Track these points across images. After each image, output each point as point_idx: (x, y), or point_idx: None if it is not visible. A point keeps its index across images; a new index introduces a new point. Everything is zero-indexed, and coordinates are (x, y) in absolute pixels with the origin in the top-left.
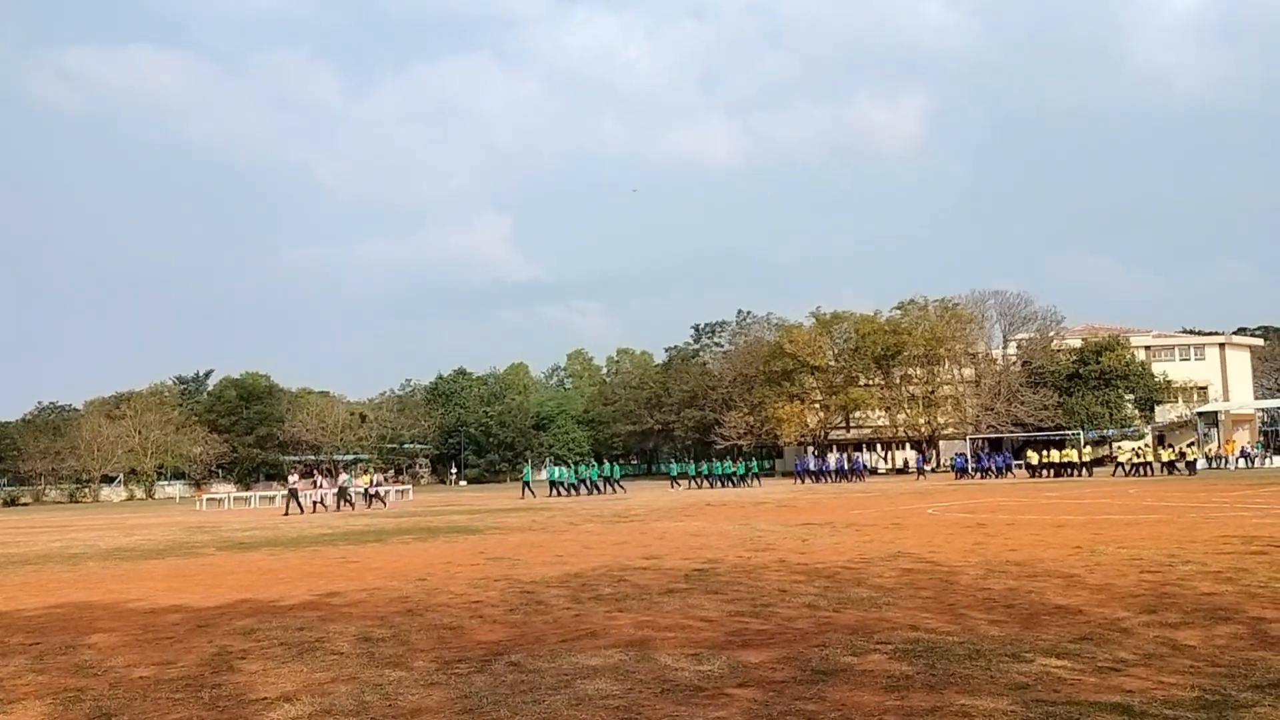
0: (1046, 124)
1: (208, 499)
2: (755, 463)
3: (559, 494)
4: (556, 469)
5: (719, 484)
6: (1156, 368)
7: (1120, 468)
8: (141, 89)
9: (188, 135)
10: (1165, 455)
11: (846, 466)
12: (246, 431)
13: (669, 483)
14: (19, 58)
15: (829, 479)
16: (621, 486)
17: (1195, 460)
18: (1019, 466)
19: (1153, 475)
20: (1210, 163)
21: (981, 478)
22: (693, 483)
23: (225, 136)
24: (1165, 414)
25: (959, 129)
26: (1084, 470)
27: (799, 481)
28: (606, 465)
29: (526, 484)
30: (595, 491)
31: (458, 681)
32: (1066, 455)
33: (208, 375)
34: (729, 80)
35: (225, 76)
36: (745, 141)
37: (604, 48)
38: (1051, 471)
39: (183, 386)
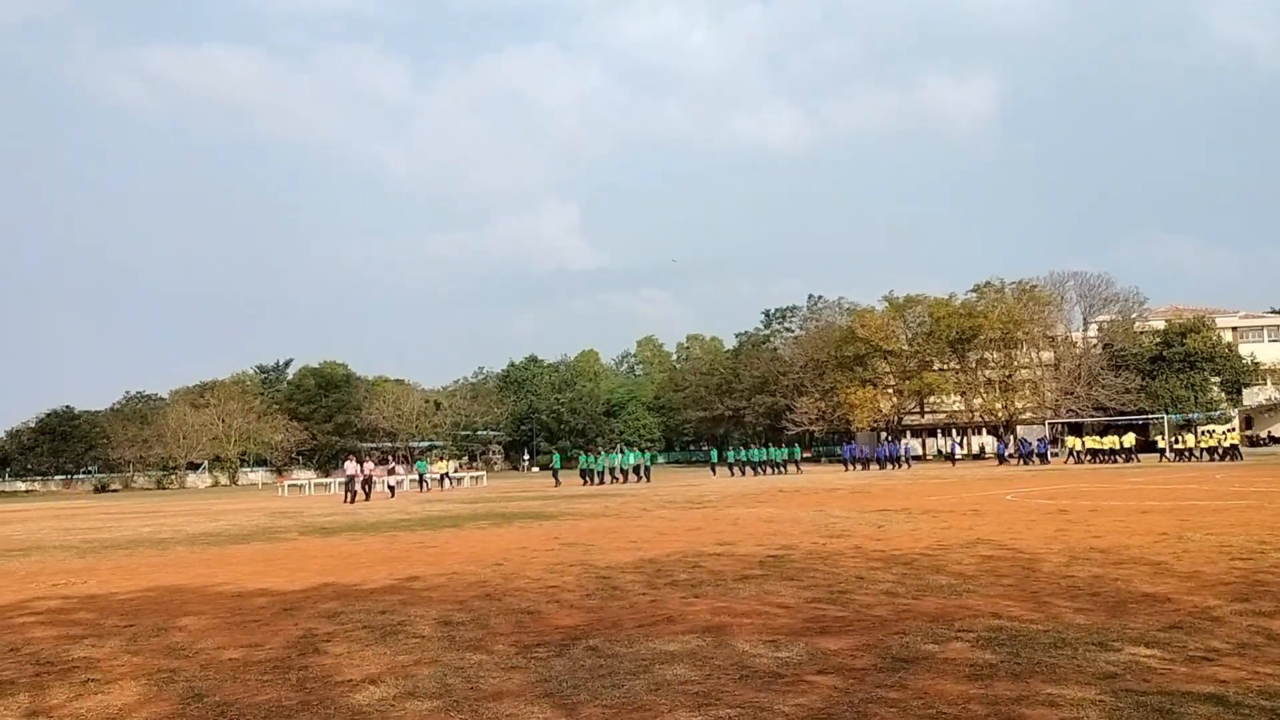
0: (1121, 100)
1: (289, 485)
2: (796, 449)
3: (587, 482)
4: (585, 456)
5: (756, 471)
6: (1244, 349)
7: (1163, 454)
8: (216, 88)
9: (262, 131)
10: (1205, 441)
11: (888, 453)
12: (325, 419)
13: (709, 470)
14: (98, 58)
15: (877, 465)
16: (649, 475)
17: (1236, 445)
18: (1055, 455)
19: (1197, 460)
20: None
21: (1018, 464)
22: (732, 470)
23: (298, 132)
24: (1253, 396)
25: (1031, 107)
26: (1128, 456)
27: (847, 469)
28: (634, 453)
29: (555, 471)
30: (624, 479)
31: (537, 665)
32: (1109, 441)
33: (287, 364)
34: (793, 66)
35: (296, 73)
36: (811, 127)
37: (667, 35)
38: (1092, 457)
39: (263, 375)
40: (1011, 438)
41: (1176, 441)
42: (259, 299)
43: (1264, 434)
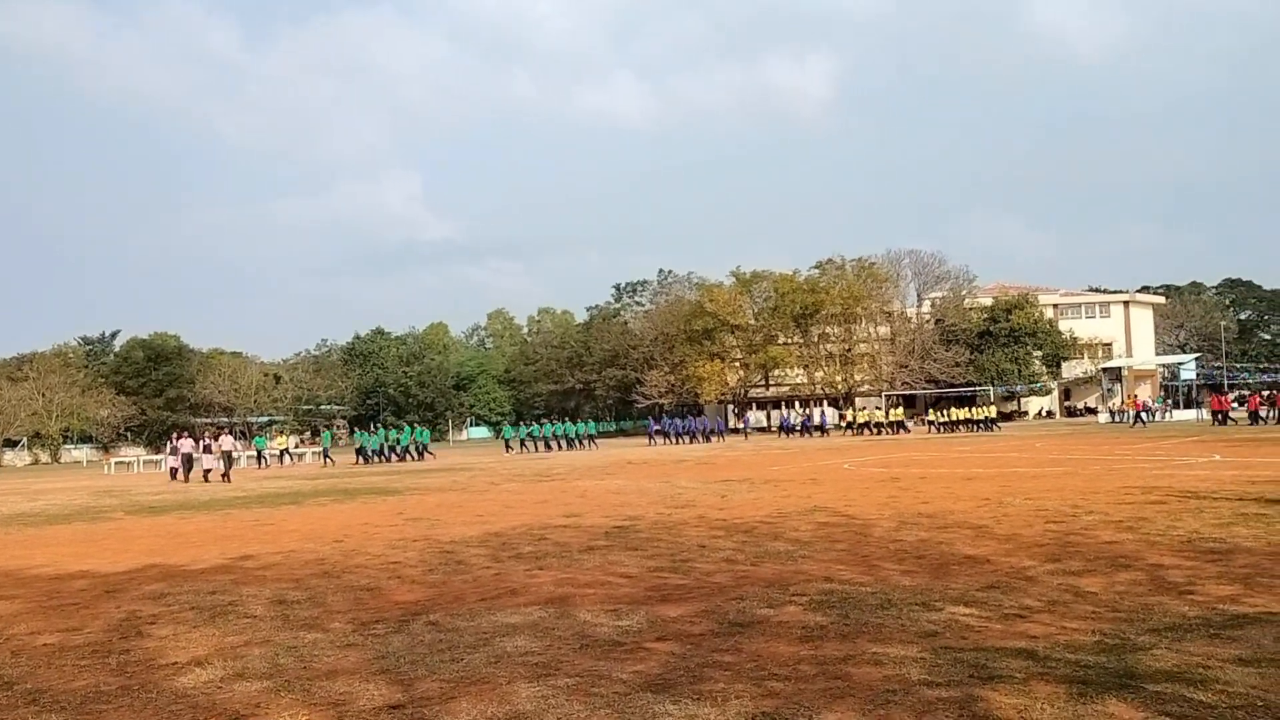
0: (952, 84)
1: (116, 462)
2: (593, 424)
3: (363, 461)
4: (360, 434)
5: (551, 446)
6: (1064, 325)
7: (931, 426)
8: (35, 40)
9: (85, 89)
10: (967, 414)
11: (707, 426)
12: (155, 393)
13: (503, 447)
14: None
15: (688, 439)
16: (431, 453)
17: (993, 418)
18: (838, 427)
19: (883, 435)
20: (1111, 126)
21: (801, 436)
22: (524, 446)
23: (124, 90)
24: (1071, 370)
25: (867, 90)
26: (896, 429)
27: (651, 442)
28: (417, 430)
29: (325, 450)
30: (407, 458)
31: (375, 642)
32: (873, 415)
33: (114, 336)
34: (640, 39)
35: (120, 29)
36: (658, 102)
37: (512, 3)
38: (855, 430)
39: (88, 347)
40: (801, 411)
41: (943, 414)
42: (82, 266)
43: (1080, 405)
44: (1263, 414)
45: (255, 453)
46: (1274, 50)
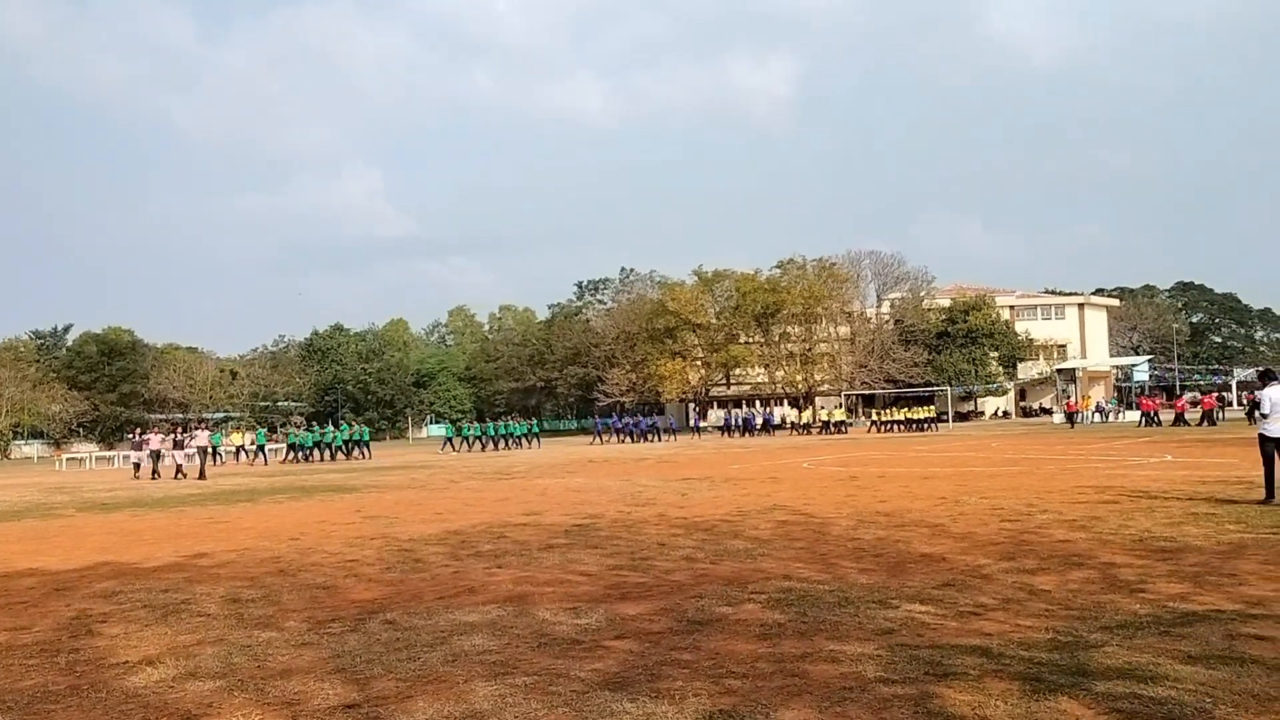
0: (912, 88)
1: (68, 459)
2: (536, 422)
3: (296, 459)
4: (292, 432)
5: (495, 445)
6: (1020, 326)
7: (874, 426)
8: None
9: (36, 77)
10: (819, 416)
11: (651, 425)
12: (109, 389)
13: (441, 445)
14: None
15: (632, 438)
16: (369, 452)
17: (842, 422)
18: (795, 425)
19: (834, 434)
20: (1066, 131)
21: (742, 436)
22: (466, 444)
23: (77, 80)
24: (1027, 371)
25: (829, 92)
26: (839, 428)
27: (597, 440)
28: (356, 428)
29: (261, 448)
30: (342, 456)
31: (330, 641)
32: (817, 414)
33: (66, 330)
34: (601, 38)
35: (74, 17)
36: (620, 100)
37: (473, 0)
38: (801, 430)
39: (39, 341)
40: (759, 410)
41: (885, 414)
42: (33, 258)
43: (1035, 405)
44: (1188, 417)
45: (210, 449)
46: (1223, 55)
